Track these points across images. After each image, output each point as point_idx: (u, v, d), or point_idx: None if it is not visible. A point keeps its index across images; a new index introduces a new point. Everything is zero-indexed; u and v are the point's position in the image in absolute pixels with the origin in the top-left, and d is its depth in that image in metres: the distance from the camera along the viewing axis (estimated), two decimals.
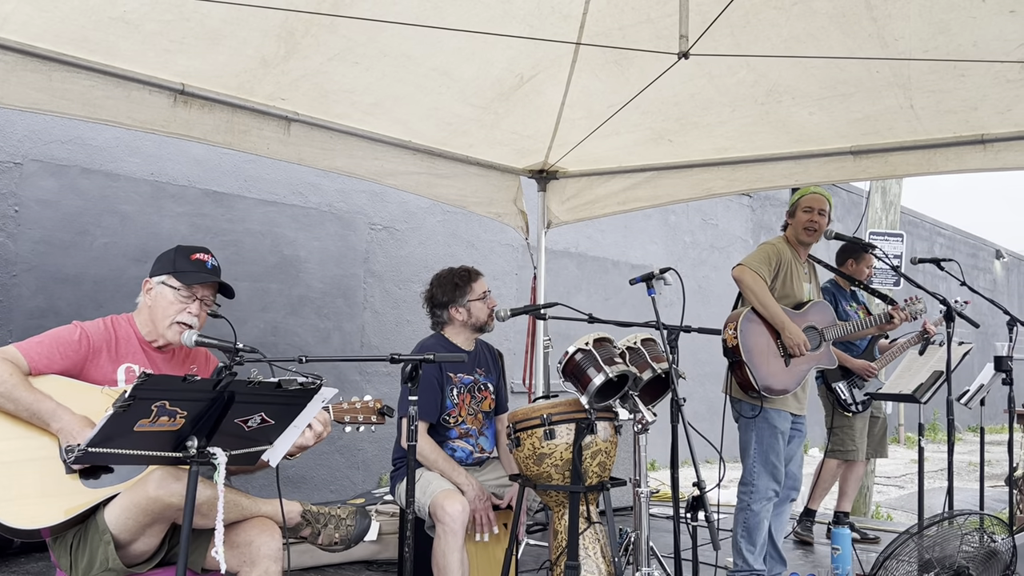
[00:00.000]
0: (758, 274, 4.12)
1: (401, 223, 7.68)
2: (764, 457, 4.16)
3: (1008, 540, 3.49)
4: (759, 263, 4.17)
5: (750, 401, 4.16)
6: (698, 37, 3.69)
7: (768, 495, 4.17)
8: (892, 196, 8.12)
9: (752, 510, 4.16)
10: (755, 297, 4.10)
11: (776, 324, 4.11)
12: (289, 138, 4.54)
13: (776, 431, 4.16)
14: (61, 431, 2.57)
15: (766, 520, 4.20)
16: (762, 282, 4.12)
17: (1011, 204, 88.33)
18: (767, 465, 4.16)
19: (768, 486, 4.17)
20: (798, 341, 4.10)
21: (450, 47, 4.03)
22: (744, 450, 4.23)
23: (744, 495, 4.20)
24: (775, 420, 4.16)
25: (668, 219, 11.15)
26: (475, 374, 3.98)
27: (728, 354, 4.13)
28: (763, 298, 4.10)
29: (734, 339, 4.07)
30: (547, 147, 5.46)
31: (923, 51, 3.86)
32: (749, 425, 4.20)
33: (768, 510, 4.20)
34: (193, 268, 2.88)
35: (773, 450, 4.16)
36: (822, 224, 4.35)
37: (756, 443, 4.18)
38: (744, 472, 4.23)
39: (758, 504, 4.16)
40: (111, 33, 3.56)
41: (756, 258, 4.21)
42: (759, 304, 4.11)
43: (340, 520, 2.92)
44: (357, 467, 7.26)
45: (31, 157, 5.47)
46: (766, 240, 4.41)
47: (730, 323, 4.14)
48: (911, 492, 9.72)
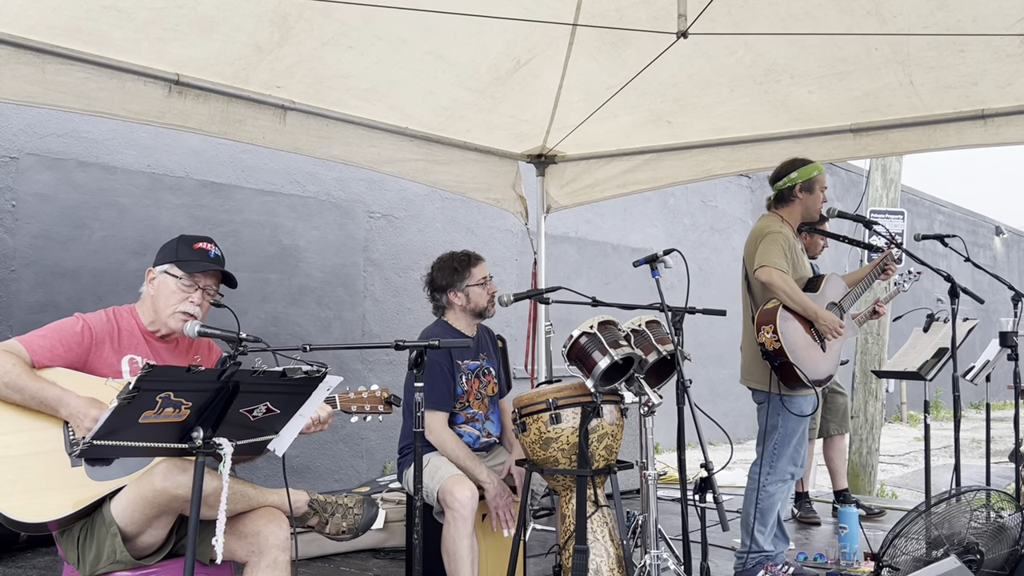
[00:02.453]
0: (784, 271, 3.99)
1: (400, 211, 7.66)
2: (788, 440, 4.13)
3: (1016, 515, 3.49)
4: (779, 258, 4.02)
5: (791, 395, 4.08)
6: (696, 16, 3.66)
7: (785, 477, 4.15)
8: (892, 174, 8.09)
9: (768, 491, 4.13)
10: (787, 296, 3.97)
11: (809, 316, 4.01)
12: (285, 127, 4.52)
13: (803, 415, 4.12)
14: (70, 416, 2.56)
15: (779, 502, 4.19)
16: (790, 279, 4.00)
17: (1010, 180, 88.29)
18: (788, 448, 4.14)
19: (787, 468, 4.15)
20: (833, 326, 4.03)
21: (446, 30, 3.99)
22: (767, 433, 4.15)
23: (761, 476, 4.15)
24: (802, 405, 4.13)
25: (667, 202, 11.13)
26: (480, 359, 3.97)
27: (770, 357, 3.99)
28: (795, 295, 3.99)
29: (775, 342, 3.94)
30: (545, 131, 5.43)
31: (922, 27, 3.83)
32: (776, 410, 4.12)
33: (783, 492, 4.18)
34: (196, 257, 2.86)
35: (796, 432, 4.14)
36: None
37: (782, 427, 4.12)
38: (764, 454, 4.16)
39: (774, 486, 4.14)
40: (103, 22, 3.53)
41: (775, 254, 4.03)
42: (792, 302, 3.98)
43: (347, 509, 2.91)
44: (361, 456, 7.26)
45: (27, 151, 5.44)
46: (767, 230, 4.16)
47: (765, 326, 3.99)
48: (915, 470, 9.74)
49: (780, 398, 4.08)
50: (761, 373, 4.13)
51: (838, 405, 5.70)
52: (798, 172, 4.21)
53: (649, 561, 3.19)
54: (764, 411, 4.19)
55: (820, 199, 4.25)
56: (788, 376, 4.00)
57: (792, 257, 4.13)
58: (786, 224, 4.21)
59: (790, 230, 4.21)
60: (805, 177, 4.20)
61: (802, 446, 4.20)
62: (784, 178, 4.24)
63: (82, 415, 2.54)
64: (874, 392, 7.86)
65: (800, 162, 4.25)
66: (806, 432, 4.21)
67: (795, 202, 4.23)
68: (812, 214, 4.27)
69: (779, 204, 4.27)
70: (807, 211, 4.25)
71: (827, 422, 5.67)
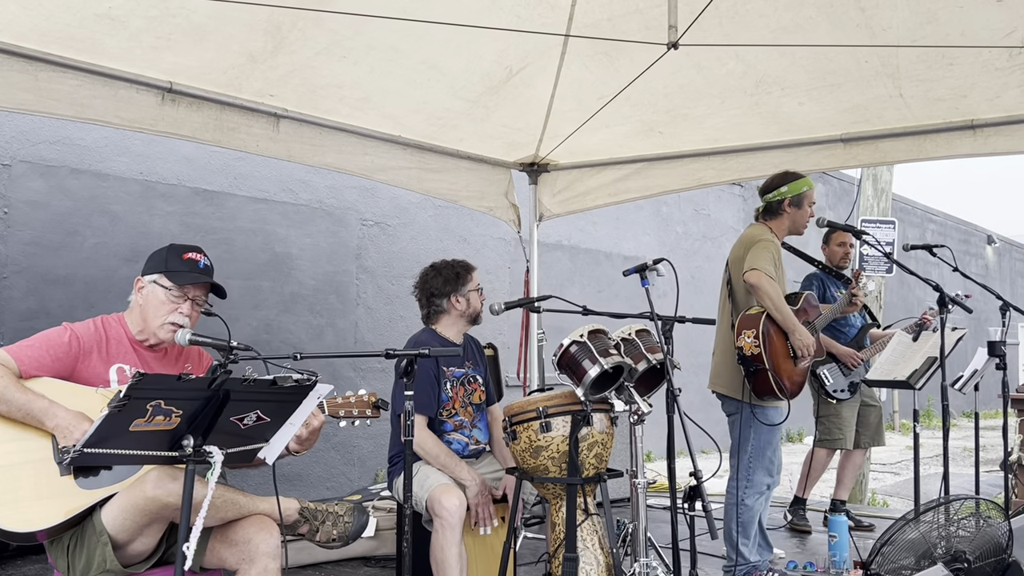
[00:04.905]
0: (773, 278, 4.00)
1: (392, 218, 7.66)
2: (761, 452, 4.13)
3: (1004, 524, 3.50)
4: (770, 266, 4.03)
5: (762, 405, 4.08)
6: (687, 27, 3.68)
7: (762, 489, 4.16)
8: (883, 183, 8.13)
9: (746, 504, 4.14)
10: (772, 303, 3.97)
11: (788, 328, 4.01)
12: (278, 135, 4.53)
13: (774, 426, 4.13)
14: (57, 428, 2.56)
15: (759, 513, 4.20)
16: (778, 286, 4.02)
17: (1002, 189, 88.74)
18: (763, 460, 4.14)
19: (763, 480, 4.16)
20: (808, 343, 4.04)
21: (438, 40, 4.01)
22: (741, 446, 4.15)
23: (739, 491, 4.14)
24: (773, 416, 4.14)
25: (660, 210, 11.15)
26: (465, 367, 3.98)
27: (746, 362, 4.00)
28: (779, 304, 4.00)
29: (755, 347, 3.95)
30: (538, 140, 5.45)
31: (911, 40, 3.86)
32: (748, 422, 4.11)
33: (761, 504, 4.19)
34: (185, 268, 2.86)
35: (771, 445, 4.15)
36: None
37: (755, 439, 4.12)
38: (739, 467, 4.16)
39: (752, 499, 4.14)
40: (97, 31, 3.54)
41: (765, 260, 4.03)
42: (775, 309, 3.99)
43: (338, 517, 2.92)
44: (353, 463, 7.25)
45: (19, 158, 5.44)
46: (759, 236, 4.17)
47: (747, 331, 4.00)
48: (906, 479, 9.76)
49: (751, 408, 4.08)
50: (731, 379, 4.14)
51: (871, 418, 5.65)
52: (788, 187, 4.23)
53: (639, 569, 3.20)
54: (736, 423, 4.17)
55: (808, 214, 4.27)
56: (760, 384, 4.00)
57: (780, 268, 4.16)
58: (774, 236, 4.23)
59: (778, 242, 4.23)
60: (795, 192, 4.22)
61: (776, 456, 4.21)
62: (774, 191, 4.26)
63: (71, 429, 2.54)
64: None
65: (791, 176, 4.27)
66: (779, 442, 4.22)
67: (783, 216, 4.25)
68: (798, 229, 4.30)
69: (767, 216, 4.29)
70: (794, 225, 4.27)
71: (859, 435, 5.63)
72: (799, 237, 4.47)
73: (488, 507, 3.69)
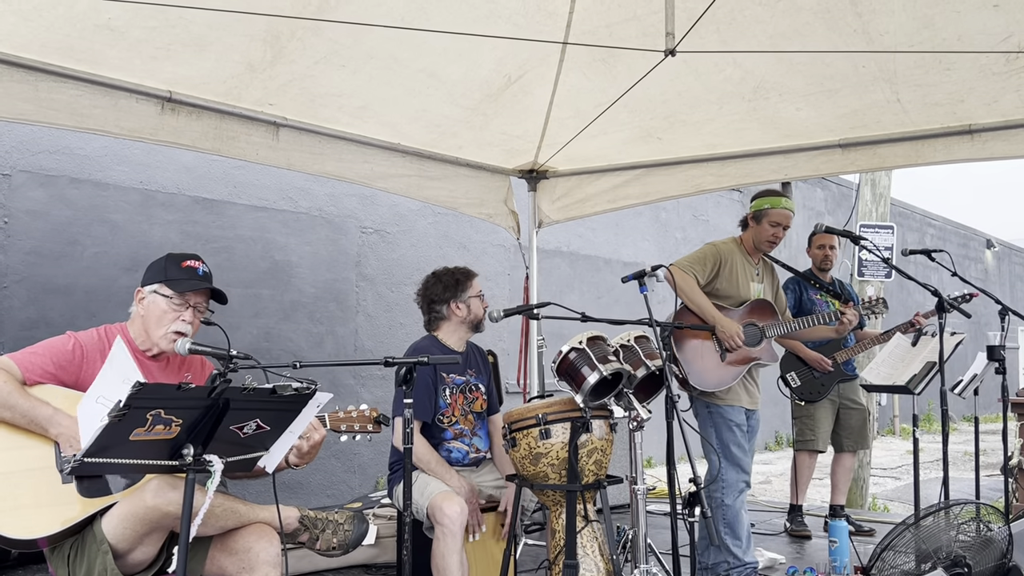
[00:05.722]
0: (687, 273, 4.20)
1: (392, 226, 7.68)
2: (727, 450, 4.21)
3: (1004, 528, 3.50)
4: (691, 263, 4.27)
5: (723, 403, 4.22)
6: (684, 34, 3.69)
7: (739, 487, 4.21)
8: (882, 188, 8.14)
9: (727, 504, 4.19)
10: (684, 295, 4.18)
11: (707, 319, 4.16)
12: (278, 143, 4.54)
13: (731, 423, 4.22)
14: (60, 436, 2.57)
15: (743, 511, 4.22)
16: (692, 280, 4.20)
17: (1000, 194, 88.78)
18: (731, 458, 4.21)
19: (738, 478, 4.21)
20: (731, 332, 4.14)
21: (437, 48, 4.02)
22: (708, 449, 4.24)
23: (715, 491, 4.21)
24: (729, 414, 4.22)
25: (659, 216, 11.17)
26: (467, 375, 3.99)
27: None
28: (692, 295, 4.19)
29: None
30: (536, 147, 5.46)
31: (908, 45, 3.87)
32: (706, 422, 4.27)
33: (742, 502, 4.23)
34: (185, 275, 2.87)
35: (734, 442, 4.22)
36: (781, 238, 4.41)
37: (716, 438, 4.23)
38: (710, 469, 4.26)
39: (731, 498, 4.19)
40: (97, 41, 3.55)
41: (689, 258, 4.31)
42: (689, 301, 4.19)
43: (338, 525, 2.92)
44: (353, 471, 7.25)
45: (19, 168, 5.45)
46: (713, 242, 4.46)
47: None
48: (907, 483, 9.75)
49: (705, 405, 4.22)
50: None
51: (854, 421, 5.65)
52: (755, 202, 4.47)
53: (639, 575, 3.20)
54: (700, 423, 4.31)
55: (767, 232, 4.38)
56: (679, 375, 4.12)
57: (728, 273, 4.30)
58: (739, 246, 4.44)
59: (740, 251, 4.42)
60: (756, 208, 4.44)
61: (745, 455, 4.26)
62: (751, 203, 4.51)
63: (74, 436, 2.55)
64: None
65: (762, 193, 4.50)
66: (744, 442, 4.26)
67: (748, 230, 4.48)
68: (760, 244, 4.44)
69: (742, 227, 4.56)
70: (755, 240, 4.44)
71: (841, 437, 5.66)
72: (802, 243, 4.53)
73: (476, 514, 3.71)
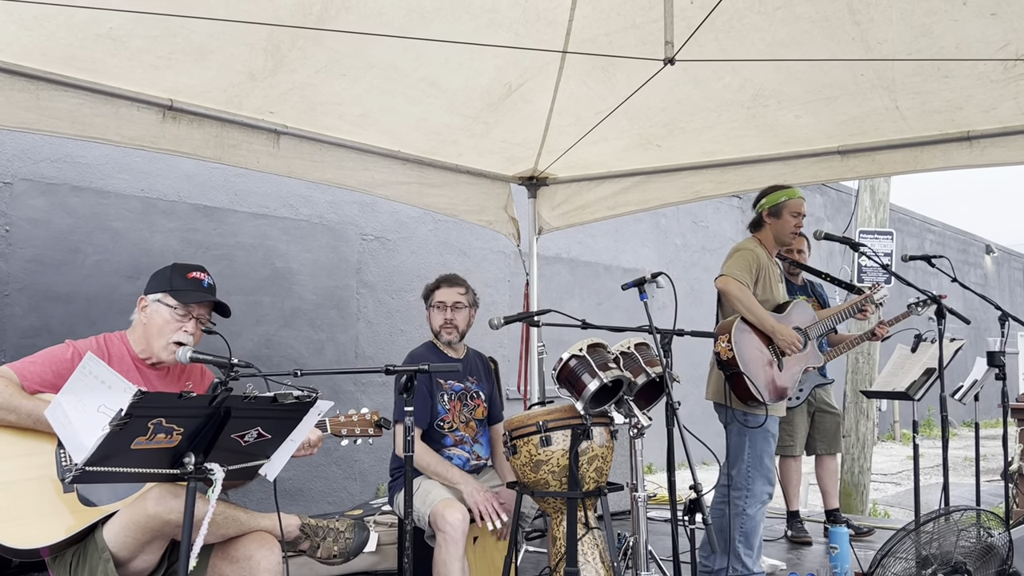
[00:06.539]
0: (742, 283, 4.09)
1: (392, 233, 7.69)
2: (759, 461, 4.15)
3: (1004, 535, 3.51)
4: (741, 271, 4.14)
5: (753, 412, 4.12)
6: (683, 42, 3.71)
7: (763, 499, 4.17)
8: (881, 194, 8.16)
9: (748, 514, 4.15)
10: (742, 306, 4.06)
11: (767, 329, 4.09)
12: (279, 151, 4.55)
13: (769, 434, 4.16)
14: None
15: (761, 523, 4.20)
16: (747, 290, 4.09)
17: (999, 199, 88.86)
18: (762, 469, 4.16)
19: (763, 490, 4.17)
20: (791, 340, 4.10)
21: (437, 58, 4.04)
22: (735, 455, 4.18)
23: (738, 500, 4.16)
24: (769, 425, 4.16)
25: (659, 222, 11.18)
26: (466, 382, 3.99)
27: (724, 367, 4.06)
28: (751, 305, 4.07)
29: (729, 351, 4.01)
30: (536, 154, 5.47)
31: (906, 53, 3.88)
32: (742, 431, 4.15)
33: (763, 513, 4.20)
34: (189, 286, 2.88)
35: (768, 453, 4.17)
36: (801, 227, 4.40)
37: (750, 448, 4.14)
38: (737, 478, 4.18)
39: (753, 508, 4.15)
40: (98, 50, 3.57)
41: (737, 266, 4.17)
42: (748, 312, 4.07)
43: (339, 533, 2.93)
44: (354, 478, 7.25)
45: (20, 176, 5.47)
46: (740, 246, 4.33)
47: (722, 335, 4.08)
48: (907, 489, 9.75)
49: (740, 414, 4.14)
50: (718, 385, 4.21)
51: (827, 425, 5.65)
52: (767, 198, 4.40)
53: None
54: (732, 433, 4.22)
55: (790, 224, 4.35)
56: (739, 388, 4.05)
57: (764, 279, 4.25)
58: (762, 247, 4.34)
59: (765, 253, 4.34)
60: (772, 203, 4.37)
61: (773, 465, 4.24)
62: (757, 204, 4.45)
63: None
64: (865, 412, 7.89)
65: (772, 189, 4.43)
66: (773, 451, 4.24)
67: (765, 227, 4.39)
68: (782, 239, 4.39)
69: (754, 228, 4.46)
70: (777, 235, 4.38)
71: (815, 441, 5.65)
72: (815, 244, 4.52)
73: (491, 502, 3.65)
